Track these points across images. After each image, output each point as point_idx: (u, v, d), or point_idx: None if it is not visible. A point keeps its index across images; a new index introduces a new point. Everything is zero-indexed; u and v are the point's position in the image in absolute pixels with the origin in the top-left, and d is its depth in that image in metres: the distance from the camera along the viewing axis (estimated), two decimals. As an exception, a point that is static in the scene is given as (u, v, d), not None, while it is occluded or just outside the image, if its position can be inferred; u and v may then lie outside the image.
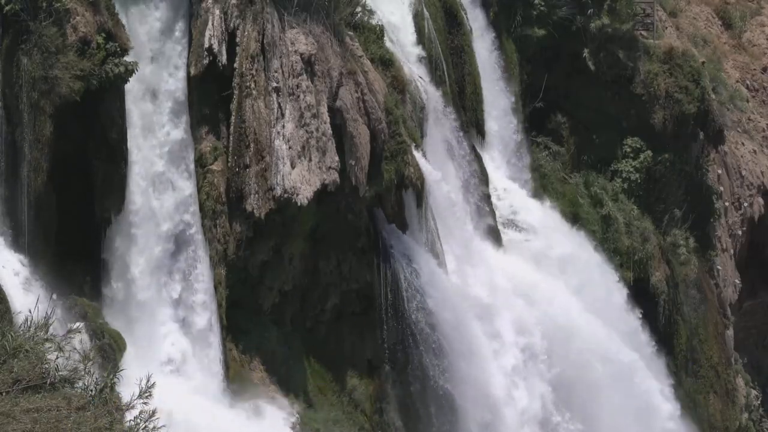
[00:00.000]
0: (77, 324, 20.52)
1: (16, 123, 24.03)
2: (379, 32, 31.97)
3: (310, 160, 27.85)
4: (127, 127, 25.47)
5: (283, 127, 27.67)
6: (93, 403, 11.90)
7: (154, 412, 11.53)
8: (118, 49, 24.70)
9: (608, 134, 41.18)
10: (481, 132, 36.87)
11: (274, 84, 27.71)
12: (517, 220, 36.73)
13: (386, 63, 31.69)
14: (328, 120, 28.31)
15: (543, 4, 39.08)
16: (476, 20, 37.61)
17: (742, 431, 44.27)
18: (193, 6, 27.32)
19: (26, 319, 12.72)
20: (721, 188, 44.66)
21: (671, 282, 41.03)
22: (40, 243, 24.23)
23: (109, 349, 23.86)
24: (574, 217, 39.22)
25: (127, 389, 12.32)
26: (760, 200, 47.32)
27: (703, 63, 43.31)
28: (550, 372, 34.02)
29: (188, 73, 27.05)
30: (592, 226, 39.52)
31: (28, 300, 21.19)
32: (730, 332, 44.72)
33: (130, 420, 11.92)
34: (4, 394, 11.66)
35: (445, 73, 34.86)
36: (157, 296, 26.43)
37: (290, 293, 29.48)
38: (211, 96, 27.74)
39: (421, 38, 34.38)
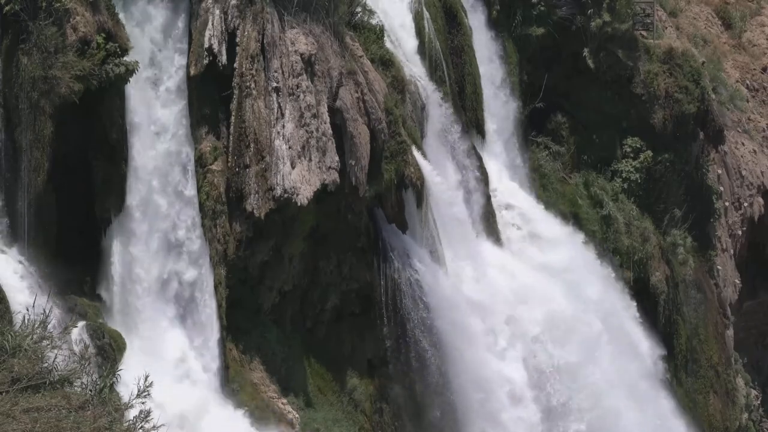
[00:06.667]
0: (74, 320, 20.51)
1: (16, 123, 24.03)
2: (379, 32, 31.97)
3: (310, 160, 27.85)
4: (127, 127, 25.51)
5: (283, 127, 27.68)
6: (92, 402, 11.89)
7: (149, 412, 11.53)
8: (118, 49, 24.69)
9: (608, 134, 41.18)
10: (481, 132, 36.87)
11: (274, 84, 27.71)
12: (516, 220, 36.72)
13: (386, 63, 31.69)
14: (328, 120, 28.32)
15: (543, 4, 39.09)
16: (476, 20, 37.60)
17: (742, 431, 44.26)
18: (193, 6, 27.31)
19: (24, 318, 12.72)
20: (721, 188, 44.65)
21: (671, 282, 41.03)
22: (40, 243, 24.23)
23: (109, 349, 23.86)
24: (574, 217, 39.23)
25: (126, 389, 12.32)
26: (760, 200, 47.31)
27: (703, 63, 43.31)
28: (550, 369, 34.02)
29: (188, 73, 27.04)
30: (592, 226, 39.52)
31: (28, 299, 21.19)
32: (730, 332, 44.72)
33: (129, 420, 11.92)
34: (3, 393, 11.65)
35: (445, 73, 34.86)
36: (157, 296, 26.42)
37: (290, 293, 29.48)
38: (211, 96, 27.74)
39: (421, 38, 34.38)
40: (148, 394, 11.86)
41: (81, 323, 23.44)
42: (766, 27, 52.05)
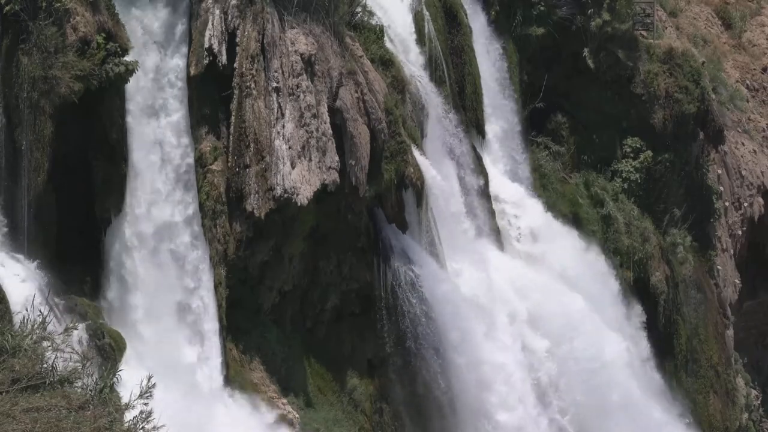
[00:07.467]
0: (74, 322, 20.48)
1: (16, 123, 24.03)
2: (379, 32, 31.97)
3: (310, 160, 27.85)
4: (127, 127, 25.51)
5: (283, 127, 27.67)
6: (92, 402, 11.88)
7: (150, 413, 11.52)
8: (118, 49, 24.69)
9: (608, 134, 41.21)
10: (481, 132, 36.87)
11: (274, 84, 27.71)
12: (516, 220, 36.72)
13: (386, 63, 31.69)
14: (328, 120, 28.31)
15: (543, 3, 39.10)
16: (476, 20, 37.61)
17: (742, 431, 44.26)
18: (193, 6, 27.31)
19: (24, 318, 12.71)
20: (721, 188, 44.66)
21: (671, 282, 41.04)
22: (40, 243, 24.22)
23: (109, 349, 23.85)
24: (574, 217, 39.24)
25: (126, 389, 12.31)
26: (760, 200, 47.32)
27: (703, 63, 43.32)
28: (549, 370, 34.03)
29: (188, 73, 27.04)
30: (592, 226, 39.53)
31: (28, 300, 21.16)
32: (730, 332, 44.73)
33: (129, 420, 11.91)
34: (3, 393, 11.65)
35: (445, 73, 34.86)
36: (157, 296, 26.41)
37: (290, 293, 29.48)
38: (211, 96, 27.74)
39: (421, 38, 34.39)
40: (150, 395, 11.85)
41: (81, 324, 23.43)
42: (766, 27, 52.06)
